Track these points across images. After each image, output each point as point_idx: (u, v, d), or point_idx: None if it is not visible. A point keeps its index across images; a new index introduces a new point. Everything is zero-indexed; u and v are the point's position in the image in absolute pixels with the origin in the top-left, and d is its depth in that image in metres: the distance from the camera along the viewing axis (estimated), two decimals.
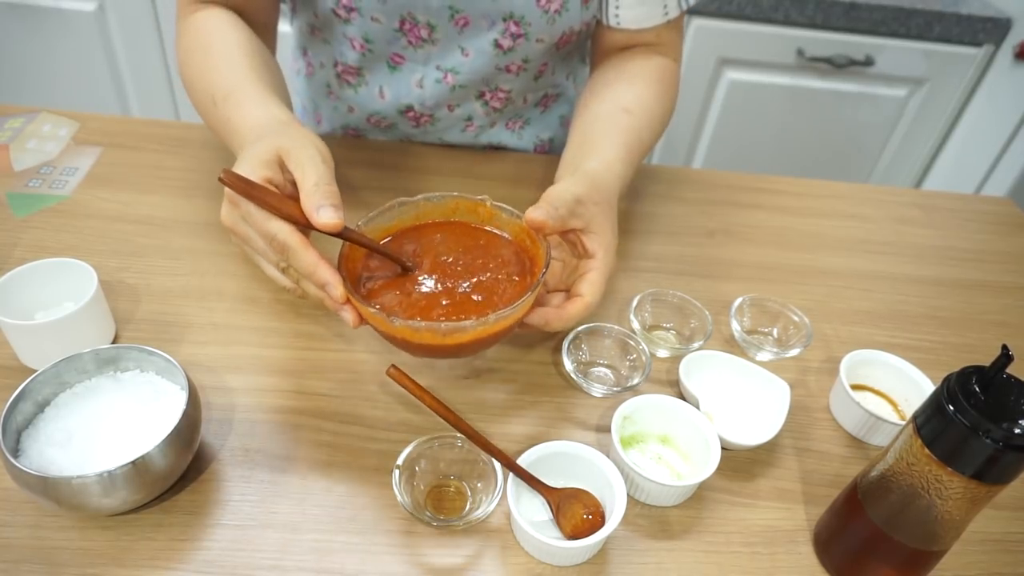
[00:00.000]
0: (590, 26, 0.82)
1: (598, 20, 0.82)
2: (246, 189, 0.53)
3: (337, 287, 0.53)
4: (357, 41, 0.80)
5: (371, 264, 0.60)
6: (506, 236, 0.63)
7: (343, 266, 0.57)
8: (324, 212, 0.52)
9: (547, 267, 0.56)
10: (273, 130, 0.59)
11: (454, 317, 0.55)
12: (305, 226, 0.53)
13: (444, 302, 0.57)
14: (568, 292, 0.62)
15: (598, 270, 0.60)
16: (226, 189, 0.54)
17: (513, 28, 0.77)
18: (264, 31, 0.79)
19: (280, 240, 0.53)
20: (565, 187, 0.60)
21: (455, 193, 0.64)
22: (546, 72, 0.86)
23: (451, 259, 0.60)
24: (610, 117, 0.73)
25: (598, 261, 0.60)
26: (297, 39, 0.91)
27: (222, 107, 0.65)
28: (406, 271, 0.59)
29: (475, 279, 0.59)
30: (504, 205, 0.62)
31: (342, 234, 0.54)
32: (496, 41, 0.78)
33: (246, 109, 0.63)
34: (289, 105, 0.71)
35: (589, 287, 0.59)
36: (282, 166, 0.56)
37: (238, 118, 0.63)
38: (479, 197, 0.63)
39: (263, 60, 0.71)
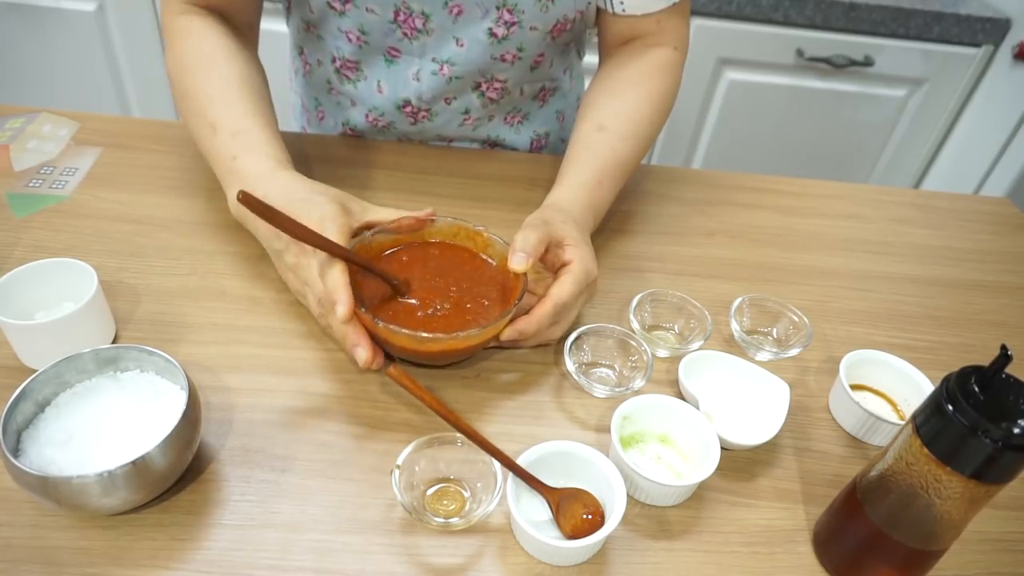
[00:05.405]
0: (585, 15, 0.83)
1: (601, 9, 0.82)
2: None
3: (365, 351, 0.58)
4: (353, 34, 0.81)
5: (373, 276, 0.65)
6: (493, 263, 0.68)
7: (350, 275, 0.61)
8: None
9: (521, 297, 0.61)
10: (302, 195, 0.64)
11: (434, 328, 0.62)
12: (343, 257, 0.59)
13: (424, 314, 0.63)
14: None
15: (570, 273, 0.64)
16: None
17: (507, 16, 0.78)
18: (247, 31, 0.82)
19: (320, 297, 0.60)
20: (531, 228, 0.64)
21: (458, 219, 0.69)
22: (543, 64, 0.87)
23: (442, 279, 0.66)
24: (583, 139, 0.78)
25: (572, 265, 0.64)
26: (293, 38, 0.91)
27: (227, 141, 0.70)
28: (396, 290, 0.64)
29: (459, 299, 0.65)
30: (498, 236, 0.67)
31: (349, 257, 0.59)
32: (490, 30, 0.79)
33: (256, 156, 0.69)
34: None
35: (557, 287, 0.63)
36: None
37: (248, 162, 0.68)
38: (478, 227, 0.68)
39: (263, 94, 0.76)
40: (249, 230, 0.70)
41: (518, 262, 0.61)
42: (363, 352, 0.57)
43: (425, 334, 0.57)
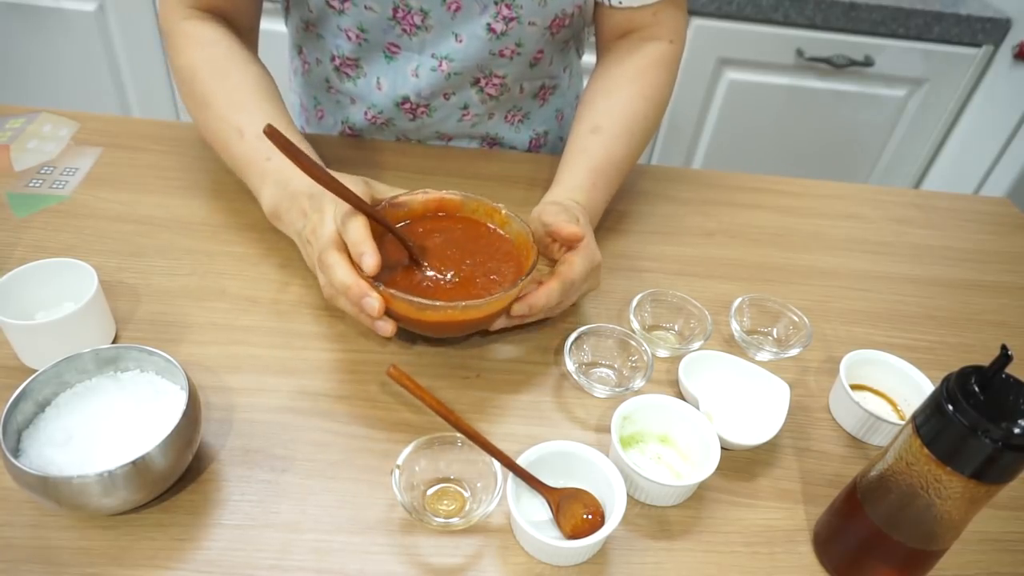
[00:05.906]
0: (583, 11, 0.83)
1: (598, 3, 0.83)
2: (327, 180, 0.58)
3: (375, 300, 0.57)
4: (352, 32, 0.81)
5: (384, 243, 0.63)
6: (509, 240, 0.68)
7: None
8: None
9: (530, 273, 0.61)
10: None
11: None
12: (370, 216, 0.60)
13: (432, 284, 0.63)
14: None
15: (578, 253, 0.65)
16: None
17: (505, 11, 0.78)
18: (248, 34, 0.83)
19: (322, 249, 0.59)
20: (559, 209, 0.66)
21: (477, 196, 0.69)
22: (542, 61, 0.87)
23: (457, 251, 0.66)
24: (579, 141, 0.79)
25: (580, 245, 0.65)
26: (292, 38, 0.92)
27: (257, 144, 0.70)
28: (412, 260, 0.64)
29: (471, 273, 0.64)
30: (515, 215, 0.67)
31: (371, 213, 0.60)
32: (489, 25, 0.79)
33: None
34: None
35: (564, 265, 0.64)
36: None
37: (283, 162, 0.67)
38: (497, 204, 0.68)
39: (280, 98, 0.77)
40: (281, 229, 0.71)
41: (572, 227, 0.63)
42: (373, 301, 0.57)
43: (423, 300, 0.56)
